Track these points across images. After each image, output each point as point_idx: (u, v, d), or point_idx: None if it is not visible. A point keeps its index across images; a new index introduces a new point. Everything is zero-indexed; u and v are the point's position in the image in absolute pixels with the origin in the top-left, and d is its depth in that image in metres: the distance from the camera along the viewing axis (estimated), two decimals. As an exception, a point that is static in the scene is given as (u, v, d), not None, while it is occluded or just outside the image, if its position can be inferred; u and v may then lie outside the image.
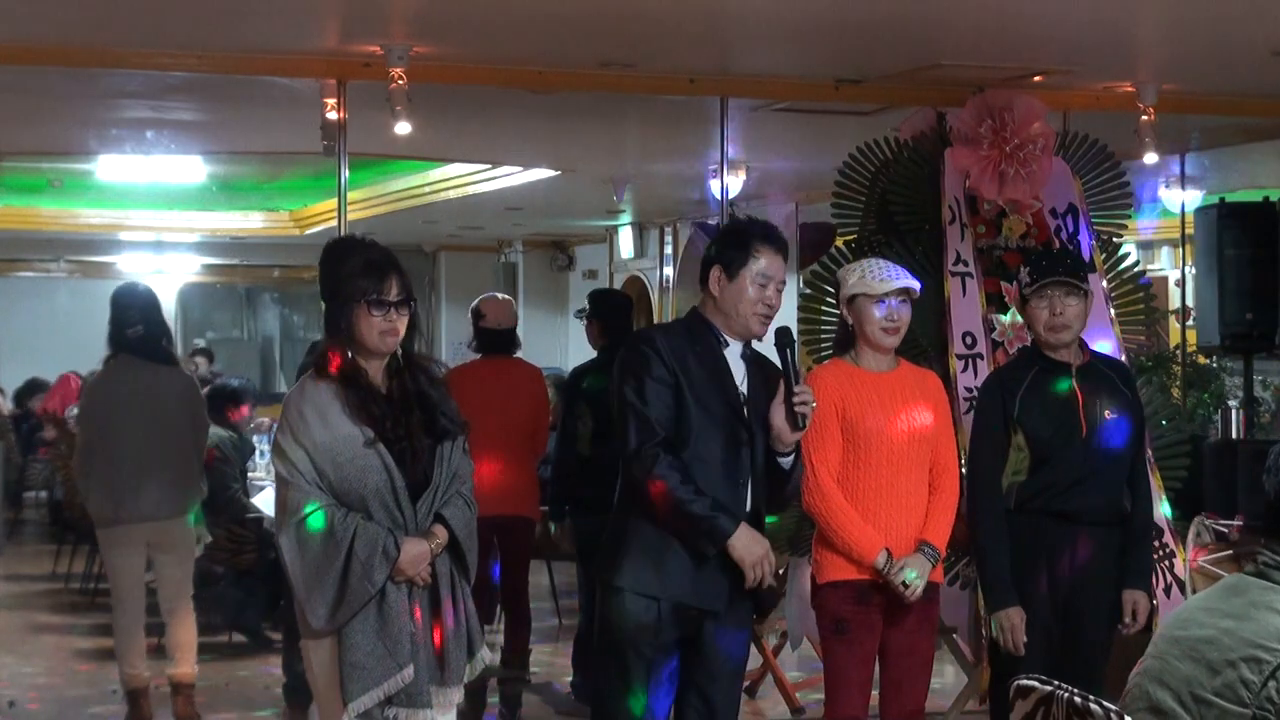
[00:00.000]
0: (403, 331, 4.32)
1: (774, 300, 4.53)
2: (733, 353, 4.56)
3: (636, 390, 4.43)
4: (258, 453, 10.40)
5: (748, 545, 4.41)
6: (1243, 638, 2.96)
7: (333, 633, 4.21)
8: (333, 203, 8.00)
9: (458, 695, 4.43)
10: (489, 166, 11.32)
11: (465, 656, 4.42)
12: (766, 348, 4.64)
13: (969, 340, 6.62)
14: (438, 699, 4.33)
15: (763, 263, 4.51)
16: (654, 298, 14.91)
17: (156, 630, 7.35)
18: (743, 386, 4.53)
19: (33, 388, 15.47)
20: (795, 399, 4.46)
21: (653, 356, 4.44)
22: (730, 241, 4.59)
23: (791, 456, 4.57)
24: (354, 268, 4.29)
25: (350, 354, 4.28)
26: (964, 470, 5.25)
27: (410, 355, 4.41)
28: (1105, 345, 6.40)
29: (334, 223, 7.44)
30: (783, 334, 4.55)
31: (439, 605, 4.35)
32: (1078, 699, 3.06)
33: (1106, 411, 5.15)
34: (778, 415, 4.47)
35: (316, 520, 4.17)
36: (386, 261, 4.32)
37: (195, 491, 7.08)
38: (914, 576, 4.84)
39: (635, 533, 4.47)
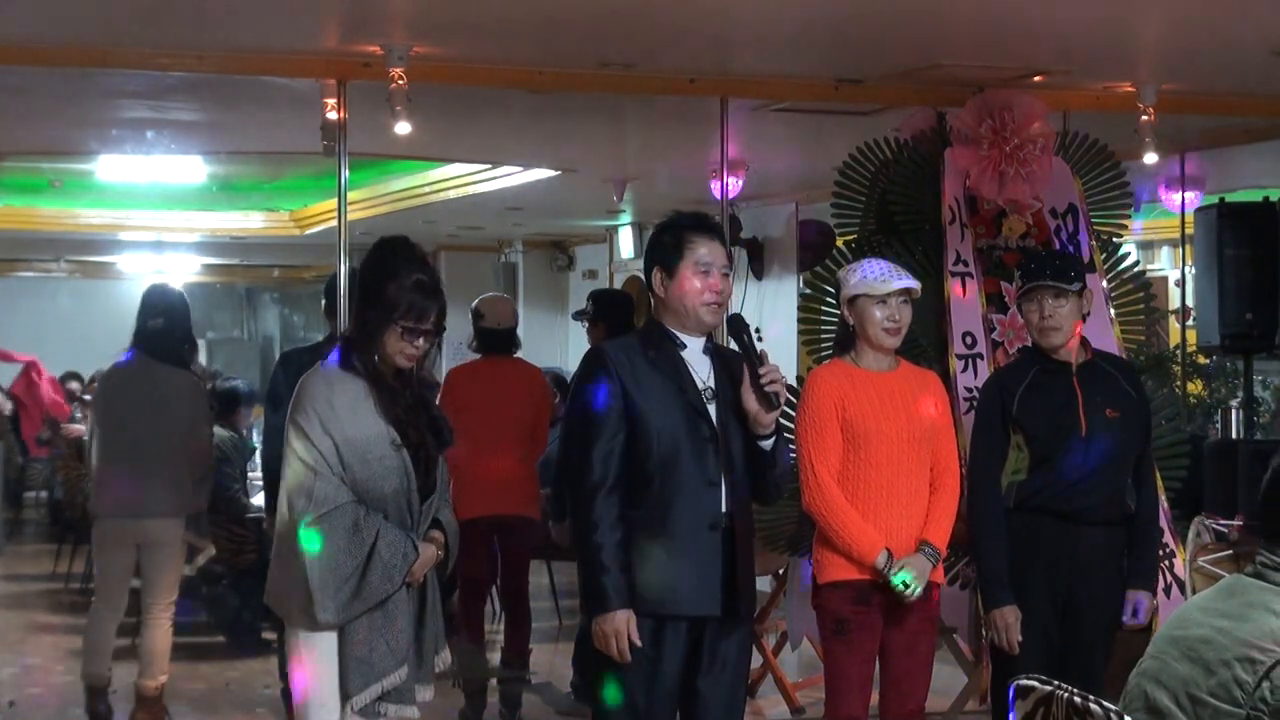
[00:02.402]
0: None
1: (719, 285, 4.46)
2: (693, 352, 4.49)
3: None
4: (258, 453, 10.43)
5: (614, 628, 4.29)
6: (1238, 638, 2.96)
7: (335, 628, 4.22)
8: (333, 203, 7.99)
9: (430, 693, 4.47)
10: (489, 166, 11.30)
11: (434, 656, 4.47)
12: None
13: (969, 340, 6.62)
14: (419, 696, 4.38)
15: (700, 251, 4.45)
16: (653, 297, 14.84)
17: (130, 631, 7.33)
18: (710, 382, 4.47)
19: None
20: (763, 379, 4.41)
21: (600, 374, 4.41)
22: (662, 240, 4.51)
23: (771, 439, 4.49)
24: (406, 284, 4.27)
25: (376, 356, 4.30)
26: (964, 470, 5.26)
27: None
28: (1104, 345, 6.40)
29: (334, 223, 7.43)
30: (735, 320, 4.51)
31: (424, 605, 4.40)
32: (1078, 699, 3.07)
33: (1108, 410, 5.15)
34: (749, 399, 4.42)
35: (344, 516, 4.17)
36: (436, 288, 4.32)
37: (191, 495, 7.04)
38: (911, 578, 4.84)
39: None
